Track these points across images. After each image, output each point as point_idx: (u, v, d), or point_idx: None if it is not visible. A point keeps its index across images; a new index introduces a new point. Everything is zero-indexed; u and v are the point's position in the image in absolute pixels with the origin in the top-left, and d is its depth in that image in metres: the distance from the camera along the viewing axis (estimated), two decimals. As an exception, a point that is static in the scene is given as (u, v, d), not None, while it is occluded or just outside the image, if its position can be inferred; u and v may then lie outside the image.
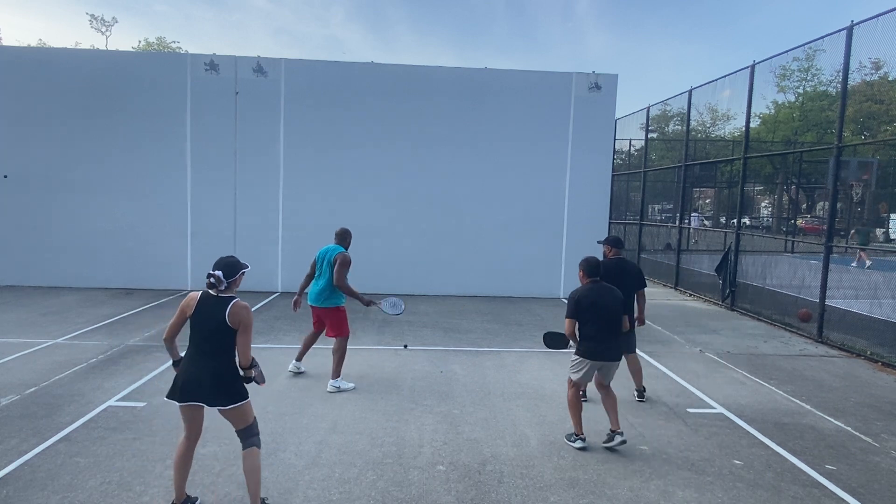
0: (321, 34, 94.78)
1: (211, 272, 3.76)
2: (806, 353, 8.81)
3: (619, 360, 5.30)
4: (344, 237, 6.85)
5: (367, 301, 6.74)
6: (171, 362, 3.91)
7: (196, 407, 3.77)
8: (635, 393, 6.47)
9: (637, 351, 6.58)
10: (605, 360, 5.15)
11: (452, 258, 12.80)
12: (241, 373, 3.80)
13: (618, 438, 5.08)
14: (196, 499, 3.99)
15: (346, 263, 6.60)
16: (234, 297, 3.78)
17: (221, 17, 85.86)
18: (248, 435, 3.82)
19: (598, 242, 6.96)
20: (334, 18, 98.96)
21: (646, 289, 6.56)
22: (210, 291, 3.80)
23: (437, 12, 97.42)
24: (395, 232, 12.72)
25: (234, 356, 3.79)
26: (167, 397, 3.78)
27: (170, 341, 3.88)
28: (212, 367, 3.71)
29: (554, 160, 12.89)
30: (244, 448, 3.81)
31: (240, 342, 3.74)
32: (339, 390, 6.43)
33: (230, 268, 3.82)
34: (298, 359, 7.06)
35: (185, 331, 3.86)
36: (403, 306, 6.98)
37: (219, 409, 3.74)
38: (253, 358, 3.82)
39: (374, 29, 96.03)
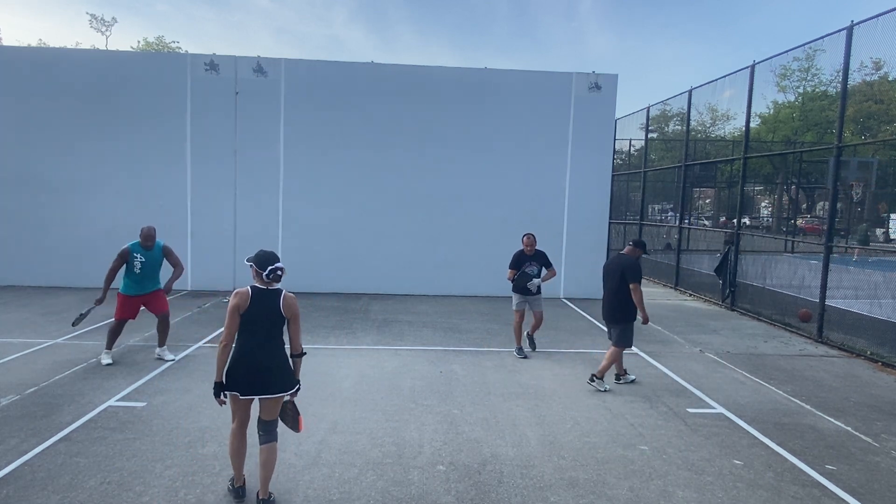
0: (323, 34, 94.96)
1: (276, 266, 3.92)
2: (806, 353, 8.81)
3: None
4: (139, 235, 7.36)
5: (98, 299, 7.33)
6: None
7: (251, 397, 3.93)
8: (590, 379, 6.81)
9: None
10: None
11: (452, 258, 12.80)
12: (290, 360, 4.02)
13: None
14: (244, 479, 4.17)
15: (117, 256, 7.31)
16: (282, 289, 3.97)
17: (223, 17, 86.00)
18: (272, 429, 4.01)
19: (632, 243, 7.13)
20: (336, 18, 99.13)
21: (633, 285, 6.65)
22: (258, 286, 3.93)
23: (438, 12, 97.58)
24: (395, 231, 12.72)
25: (284, 344, 4.02)
26: (224, 389, 3.87)
27: (229, 347, 3.89)
28: (277, 356, 3.93)
29: (554, 160, 12.89)
30: (266, 442, 3.98)
31: (292, 330, 3.99)
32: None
33: (279, 258, 4.03)
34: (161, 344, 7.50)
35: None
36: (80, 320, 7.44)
37: (265, 398, 3.92)
38: (302, 348, 4.09)
39: (375, 29, 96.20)
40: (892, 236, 23.36)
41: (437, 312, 10.91)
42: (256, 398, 3.94)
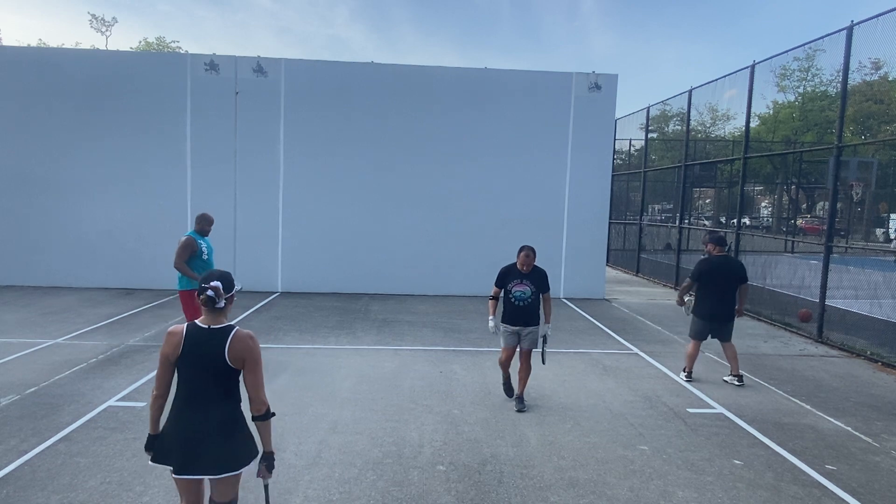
0: (325, 34, 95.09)
1: (207, 286, 2.91)
2: (806, 353, 8.81)
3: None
4: (196, 222, 7.19)
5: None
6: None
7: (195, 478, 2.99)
8: (734, 379, 7.04)
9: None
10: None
11: (452, 258, 12.80)
12: (255, 425, 2.97)
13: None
14: None
15: (183, 245, 6.91)
16: (232, 326, 2.94)
17: (225, 17, 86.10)
18: None
19: (704, 243, 7.48)
20: (338, 18, 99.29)
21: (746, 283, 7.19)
22: (199, 323, 2.94)
23: (441, 12, 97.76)
24: (395, 232, 12.72)
25: (240, 403, 3.02)
26: (155, 461, 2.97)
27: (162, 399, 2.98)
28: (218, 422, 2.90)
29: (554, 160, 12.89)
30: None
31: (249, 382, 2.92)
32: None
33: (227, 281, 3.00)
34: None
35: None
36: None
37: (213, 477, 2.95)
38: (268, 407, 2.96)
39: (377, 29, 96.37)
40: (892, 236, 23.36)
41: (437, 312, 10.91)
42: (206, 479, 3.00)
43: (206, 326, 2.91)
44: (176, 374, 2.94)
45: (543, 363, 6.26)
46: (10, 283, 12.15)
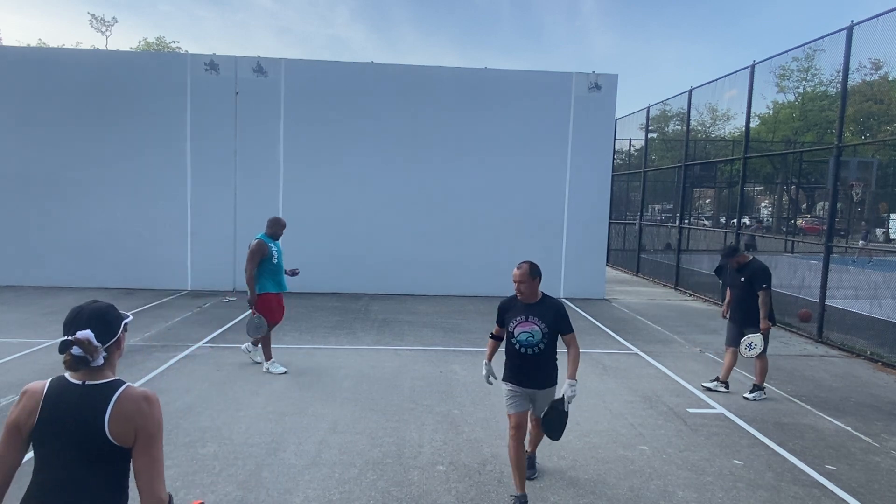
0: (325, 34, 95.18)
1: (68, 337, 1.98)
2: (806, 353, 8.81)
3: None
4: (269, 225, 7.13)
5: (252, 298, 6.90)
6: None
7: None
8: (721, 385, 6.86)
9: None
10: None
11: (452, 258, 12.80)
12: None
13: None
14: None
15: (253, 250, 6.86)
16: (120, 383, 1.98)
17: (225, 17, 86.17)
18: None
19: (745, 250, 7.01)
20: (339, 18, 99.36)
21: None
22: (69, 378, 1.99)
23: (441, 12, 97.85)
24: (395, 232, 12.72)
25: (124, 495, 2.00)
26: None
27: None
28: None
29: (554, 160, 12.89)
30: None
31: (140, 467, 1.91)
32: (267, 371, 6.97)
33: (103, 322, 2.03)
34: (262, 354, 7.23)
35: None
36: (260, 332, 7.00)
37: None
38: (170, 495, 1.97)
39: (377, 29, 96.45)
40: (893, 236, 23.37)
41: (437, 312, 10.91)
42: None
43: (80, 382, 1.95)
44: (33, 453, 1.99)
45: (557, 438, 4.23)
46: (10, 283, 12.15)
